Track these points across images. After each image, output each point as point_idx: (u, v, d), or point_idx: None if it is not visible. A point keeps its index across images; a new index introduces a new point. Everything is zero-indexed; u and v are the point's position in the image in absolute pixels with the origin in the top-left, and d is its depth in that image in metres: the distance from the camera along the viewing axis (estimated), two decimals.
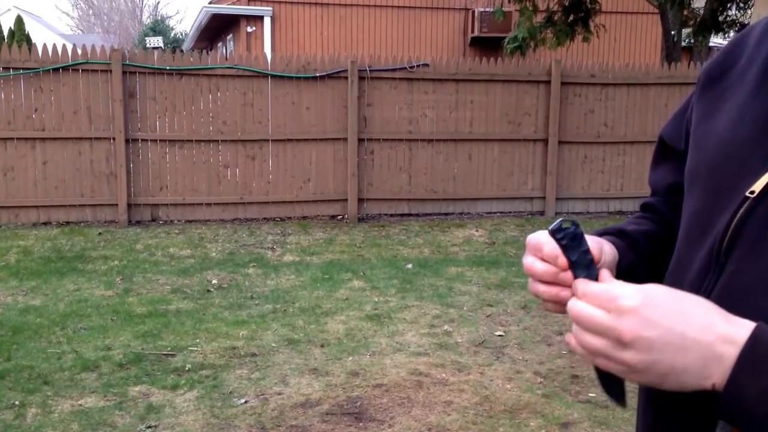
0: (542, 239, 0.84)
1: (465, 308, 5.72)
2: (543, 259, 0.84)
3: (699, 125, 0.93)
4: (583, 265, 0.80)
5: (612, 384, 0.80)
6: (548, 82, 9.40)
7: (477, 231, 8.64)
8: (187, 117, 8.63)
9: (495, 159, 9.49)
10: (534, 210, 9.66)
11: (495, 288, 6.31)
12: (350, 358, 4.60)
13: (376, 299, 5.94)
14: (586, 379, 4.29)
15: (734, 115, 0.86)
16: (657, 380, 0.71)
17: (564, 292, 0.82)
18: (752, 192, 0.78)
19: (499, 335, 5.09)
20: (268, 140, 8.81)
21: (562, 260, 0.82)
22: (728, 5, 7.95)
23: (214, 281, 6.46)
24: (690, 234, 0.89)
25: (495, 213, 9.56)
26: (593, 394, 4.08)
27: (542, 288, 0.85)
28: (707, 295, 0.80)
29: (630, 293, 0.71)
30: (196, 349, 4.75)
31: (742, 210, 0.79)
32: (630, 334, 0.69)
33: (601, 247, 0.89)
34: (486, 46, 14.54)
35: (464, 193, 9.46)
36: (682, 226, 0.93)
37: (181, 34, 30.48)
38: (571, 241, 0.81)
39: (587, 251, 0.81)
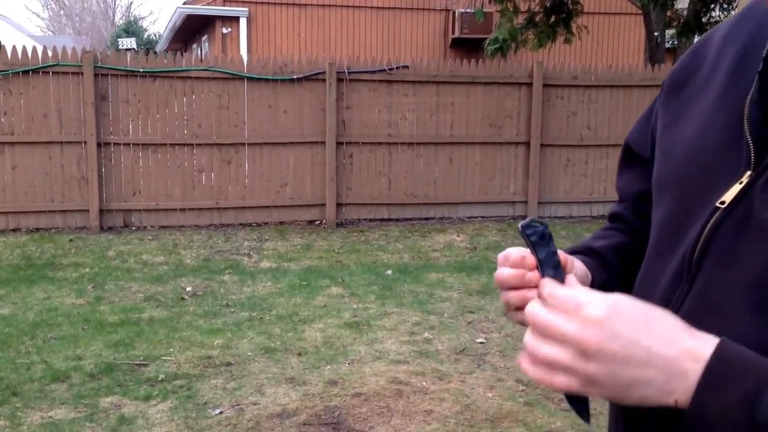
0: (510, 250, 0.84)
1: (446, 315, 5.64)
2: (511, 266, 0.84)
3: (665, 133, 0.93)
4: (551, 265, 0.79)
5: (577, 399, 0.78)
6: (530, 84, 9.34)
7: (458, 236, 8.56)
8: (161, 120, 8.47)
9: (476, 162, 9.41)
10: (516, 214, 9.59)
11: (476, 294, 6.23)
12: (328, 367, 4.52)
13: (355, 306, 5.84)
14: None
15: (701, 122, 0.86)
16: (618, 394, 0.69)
17: (531, 293, 0.80)
18: (723, 202, 0.78)
19: (481, 342, 5.03)
20: (245, 144, 8.67)
21: (530, 259, 0.80)
22: (712, 6, 7.96)
23: (188, 288, 6.32)
24: (660, 244, 0.89)
25: (476, 218, 9.48)
26: None
27: (511, 293, 0.84)
28: (679, 305, 0.80)
29: (597, 302, 0.69)
30: (169, 358, 4.65)
31: (712, 221, 0.79)
32: (594, 344, 0.68)
33: (572, 263, 0.89)
34: (467, 47, 14.49)
35: (445, 198, 9.37)
36: (651, 235, 0.92)
37: (155, 36, 30.24)
38: (540, 239, 0.80)
39: (555, 253, 0.79)
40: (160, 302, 5.92)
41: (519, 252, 0.82)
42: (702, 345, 0.68)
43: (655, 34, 8.66)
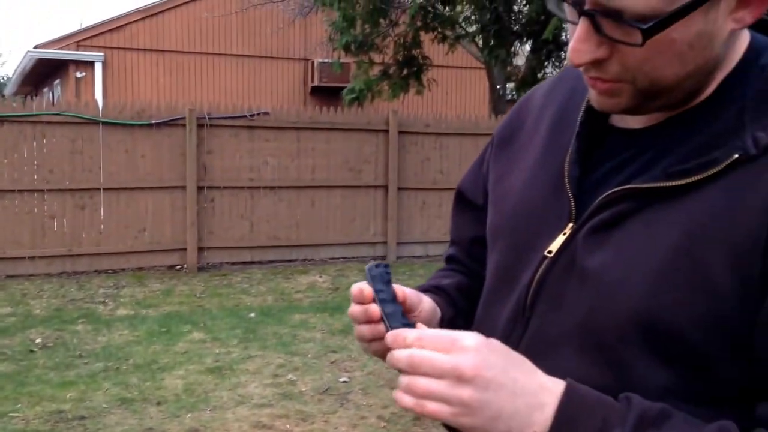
0: (358, 285, 0.88)
1: (309, 356, 5.70)
2: (355, 302, 0.88)
3: (496, 185, 0.99)
4: (390, 300, 0.84)
5: None
6: (386, 131, 9.72)
7: (320, 277, 8.67)
8: (9, 165, 8.07)
9: (337, 205, 9.62)
10: (376, 255, 9.85)
11: (339, 334, 6.33)
12: (189, 415, 4.44)
13: (218, 351, 5.78)
14: (428, 421, 4.38)
15: (527, 176, 0.92)
16: (486, 424, 0.71)
17: (381, 327, 0.85)
18: (550, 251, 0.84)
19: (344, 381, 5.11)
20: (100, 189, 8.42)
21: (368, 291, 0.86)
22: (545, 64, 8.73)
23: (38, 340, 6.01)
24: (496, 289, 0.93)
25: (338, 259, 9.64)
26: None
27: (363, 327, 0.88)
28: (515, 347, 0.84)
29: (468, 335, 0.73)
30: (17, 415, 4.39)
31: (542, 268, 0.84)
32: (472, 369, 0.70)
33: (420, 299, 0.93)
34: (326, 94, 14.81)
35: (307, 240, 9.49)
36: (487, 279, 0.97)
37: (3, 78, 28.57)
38: (380, 277, 0.86)
39: (394, 293, 0.86)
40: (7, 356, 5.57)
41: (359, 287, 0.86)
42: (554, 381, 0.73)
43: (498, 87, 9.37)
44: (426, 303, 0.94)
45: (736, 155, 0.72)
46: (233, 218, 9.09)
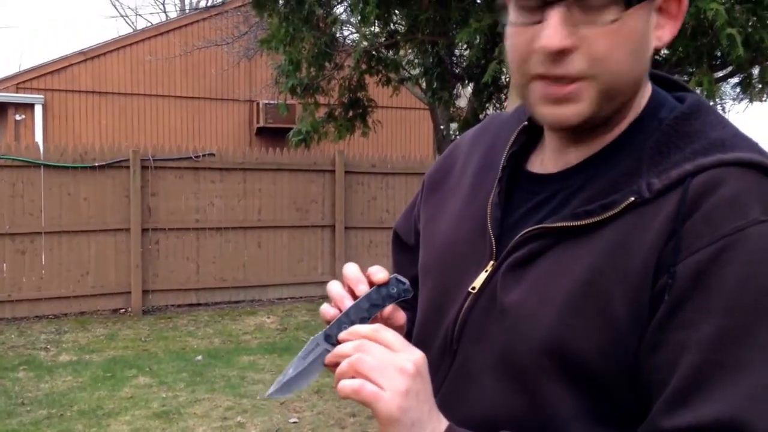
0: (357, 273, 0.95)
1: (258, 397, 5.67)
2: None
3: (426, 226, 1.06)
4: (363, 308, 0.90)
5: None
6: (333, 171, 9.84)
7: (268, 318, 8.64)
8: None
9: (285, 245, 9.64)
10: (324, 294, 9.85)
11: None
12: None
13: (164, 395, 5.70)
14: None
15: (454, 218, 1.00)
16: (406, 423, 0.77)
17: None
18: (473, 288, 0.91)
19: (294, 422, 5.11)
20: (41, 233, 8.26)
21: (363, 288, 0.92)
22: (487, 106, 9.01)
23: None
24: (426, 323, 0.99)
25: (286, 299, 9.63)
26: None
27: (327, 306, 0.95)
28: (444, 378, 0.92)
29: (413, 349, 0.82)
30: None
31: (467, 303, 0.91)
32: (419, 362, 0.80)
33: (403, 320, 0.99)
34: (272, 135, 14.87)
35: (255, 281, 9.46)
36: (418, 315, 1.03)
37: None
38: (386, 299, 0.90)
39: (375, 316, 0.90)
40: None
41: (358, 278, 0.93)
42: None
43: (441, 127, 9.59)
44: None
45: (632, 198, 0.80)
46: (179, 260, 9.01)
